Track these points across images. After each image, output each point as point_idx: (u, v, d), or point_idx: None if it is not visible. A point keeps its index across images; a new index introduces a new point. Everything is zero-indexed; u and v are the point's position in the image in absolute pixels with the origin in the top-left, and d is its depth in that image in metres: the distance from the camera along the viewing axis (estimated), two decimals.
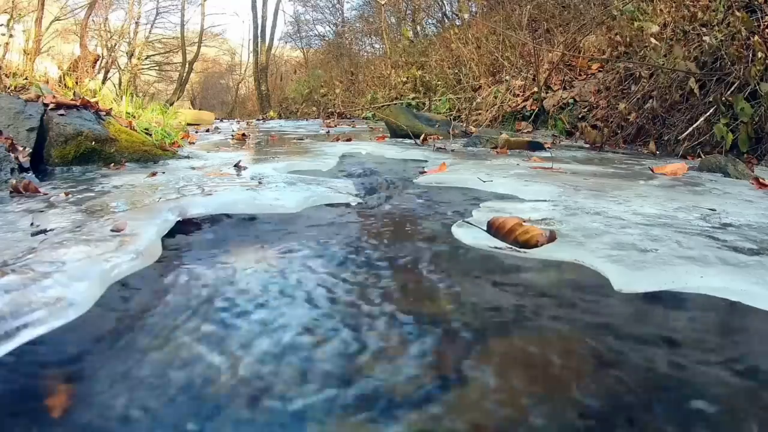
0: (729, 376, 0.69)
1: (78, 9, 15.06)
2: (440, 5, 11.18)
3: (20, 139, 2.23)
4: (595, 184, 1.99)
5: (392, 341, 0.77)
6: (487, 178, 2.08)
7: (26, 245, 1.07)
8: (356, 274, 1.06)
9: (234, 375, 0.68)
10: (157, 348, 0.75)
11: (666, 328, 0.83)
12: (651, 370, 0.70)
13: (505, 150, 3.51)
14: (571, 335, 0.80)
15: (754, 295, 0.89)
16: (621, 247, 1.12)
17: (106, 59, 16.16)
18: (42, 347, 0.73)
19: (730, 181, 2.24)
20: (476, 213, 1.49)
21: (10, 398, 0.64)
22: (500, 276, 1.05)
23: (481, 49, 7.33)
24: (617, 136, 4.20)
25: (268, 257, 1.17)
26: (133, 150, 2.62)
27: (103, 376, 0.68)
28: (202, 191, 1.68)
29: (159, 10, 20.54)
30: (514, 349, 0.77)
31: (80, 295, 0.85)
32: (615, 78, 4.72)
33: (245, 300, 0.91)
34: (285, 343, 0.76)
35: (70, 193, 1.72)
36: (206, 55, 24.55)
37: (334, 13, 19.32)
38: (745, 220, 1.41)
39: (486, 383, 0.67)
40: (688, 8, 3.72)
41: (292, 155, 3.22)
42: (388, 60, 11.57)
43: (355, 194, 1.83)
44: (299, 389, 0.65)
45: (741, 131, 3.04)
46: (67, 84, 4.59)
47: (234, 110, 22.72)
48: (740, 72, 3.17)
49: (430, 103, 7.85)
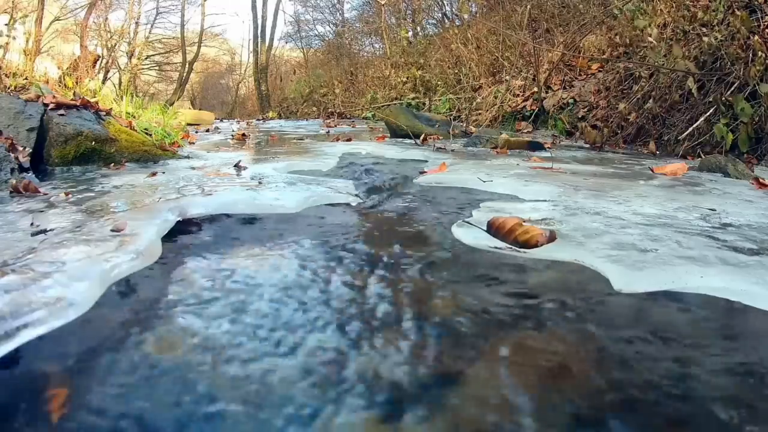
0: (729, 376, 0.69)
1: (78, 9, 15.07)
2: (440, 5, 11.18)
3: (20, 139, 2.23)
4: (595, 184, 1.99)
5: (391, 341, 0.77)
6: (487, 178, 2.08)
7: (26, 245, 1.07)
8: (356, 274, 1.06)
9: (233, 375, 0.68)
10: (157, 348, 0.75)
11: (666, 328, 0.83)
12: (651, 370, 0.70)
13: (505, 150, 3.51)
14: (570, 335, 0.80)
15: (754, 295, 0.89)
16: (621, 247, 1.12)
17: (106, 59, 16.16)
18: (42, 347, 0.73)
19: (730, 181, 2.24)
20: (476, 213, 1.49)
21: (10, 398, 0.64)
22: (500, 276, 1.05)
23: (481, 49, 7.33)
24: (617, 136, 4.20)
25: (269, 257, 1.17)
26: (133, 150, 2.62)
27: (103, 376, 0.68)
28: (202, 191, 1.68)
29: (159, 10, 20.55)
30: (514, 349, 0.77)
31: (80, 295, 0.85)
32: (615, 78, 4.72)
33: (245, 300, 0.91)
34: (284, 344, 0.76)
35: (70, 193, 1.72)
36: (206, 55, 24.55)
37: (334, 13, 19.32)
38: (745, 220, 1.41)
39: (484, 383, 0.67)
40: (688, 8, 3.72)
41: (292, 155, 3.22)
42: (387, 60, 11.57)
43: (355, 194, 1.83)
44: (298, 389, 0.65)
45: (741, 131, 3.04)
46: (67, 84, 4.59)
47: (234, 110, 22.72)
48: (740, 72, 3.17)
49: (430, 103, 7.85)
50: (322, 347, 0.75)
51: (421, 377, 0.68)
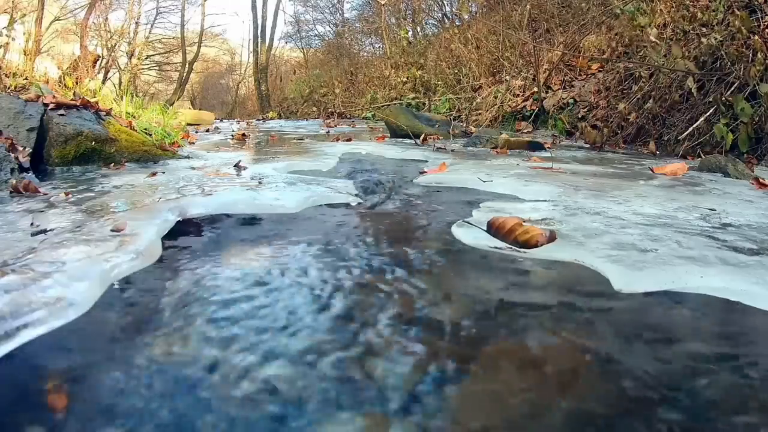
0: (729, 376, 0.69)
1: (78, 9, 15.08)
2: (440, 5, 11.18)
3: (20, 139, 2.23)
4: (595, 184, 1.99)
5: (390, 340, 0.77)
6: (487, 178, 2.08)
7: (26, 245, 1.07)
8: (355, 273, 1.06)
9: (233, 374, 0.68)
10: (157, 348, 0.75)
11: (666, 328, 0.83)
12: (651, 370, 0.70)
13: (505, 150, 3.51)
14: (570, 335, 0.80)
15: (754, 295, 0.89)
16: (621, 247, 1.12)
17: (106, 59, 16.17)
18: (42, 347, 0.73)
19: (730, 181, 2.24)
20: (476, 213, 1.49)
21: (10, 398, 0.64)
22: (500, 276, 1.05)
23: (481, 49, 7.34)
24: (617, 136, 4.20)
25: (269, 257, 1.17)
26: (133, 150, 2.62)
27: (103, 376, 0.68)
28: (202, 191, 1.68)
29: (159, 10, 20.57)
30: (514, 349, 0.77)
31: (80, 295, 0.85)
32: (615, 78, 4.72)
33: (245, 300, 0.91)
34: (283, 344, 0.76)
35: (70, 193, 1.72)
36: (206, 55, 24.57)
37: (334, 13, 19.33)
38: (745, 220, 1.41)
39: (483, 382, 0.67)
40: (688, 8, 3.72)
41: (292, 155, 3.22)
42: (387, 60, 11.57)
43: (355, 194, 1.83)
44: (298, 390, 0.65)
45: (741, 131, 3.04)
46: (67, 84, 4.59)
47: (234, 110, 22.73)
48: (740, 72, 3.17)
49: (429, 103, 7.85)
50: (323, 346, 0.75)
51: (420, 377, 0.68)
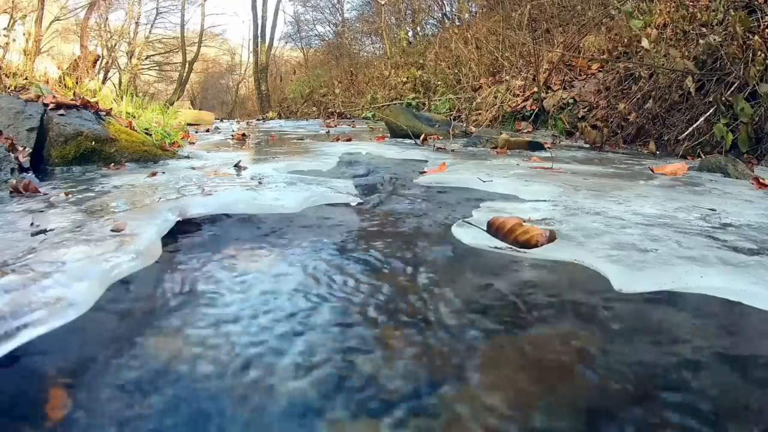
0: (729, 376, 0.69)
1: (78, 9, 15.08)
2: (440, 5, 11.18)
3: (20, 139, 2.23)
4: (595, 184, 1.99)
5: (389, 339, 0.77)
6: (487, 178, 2.08)
7: (26, 245, 1.07)
8: (355, 273, 1.06)
9: (233, 374, 0.68)
10: (157, 348, 0.75)
11: (666, 328, 0.83)
12: (651, 370, 0.70)
13: (505, 150, 3.51)
14: (571, 335, 0.80)
15: (754, 295, 0.89)
16: (621, 247, 1.12)
17: (106, 59, 16.17)
18: (42, 347, 0.73)
19: (730, 181, 2.24)
20: (476, 213, 1.49)
21: (10, 399, 0.64)
22: (500, 276, 1.05)
23: (481, 49, 7.34)
24: (617, 136, 4.20)
25: (268, 257, 1.17)
26: (133, 150, 2.62)
27: (103, 376, 0.68)
28: (202, 191, 1.68)
29: (159, 10, 20.59)
30: (514, 349, 0.77)
31: (80, 295, 0.85)
32: (615, 78, 4.72)
33: (245, 300, 0.91)
34: (284, 344, 0.76)
35: (70, 193, 1.72)
36: (206, 55, 24.58)
37: (334, 13, 19.35)
38: (745, 220, 1.41)
39: (482, 382, 0.67)
40: (688, 8, 3.73)
41: (292, 155, 3.22)
42: (387, 60, 11.57)
43: (355, 194, 1.83)
44: (296, 391, 0.65)
45: (741, 131, 3.04)
46: (67, 84, 4.59)
47: (234, 110, 22.74)
48: (740, 72, 3.17)
49: (429, 103, 7.85)
50: (322, 345, 0.75)
51: (419, 377, 0.68)
